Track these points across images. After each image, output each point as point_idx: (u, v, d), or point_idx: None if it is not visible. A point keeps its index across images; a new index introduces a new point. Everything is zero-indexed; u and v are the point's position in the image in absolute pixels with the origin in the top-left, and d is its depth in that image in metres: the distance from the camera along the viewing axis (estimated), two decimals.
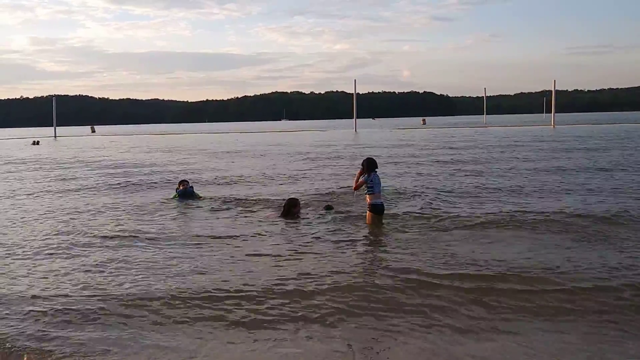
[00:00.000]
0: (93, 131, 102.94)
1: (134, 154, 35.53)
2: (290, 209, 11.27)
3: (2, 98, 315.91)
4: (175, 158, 30.57)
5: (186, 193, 14.48)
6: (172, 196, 14.66)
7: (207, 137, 64.18)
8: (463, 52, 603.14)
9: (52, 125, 76.56)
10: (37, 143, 53.25)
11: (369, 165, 10.28)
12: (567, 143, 33.81)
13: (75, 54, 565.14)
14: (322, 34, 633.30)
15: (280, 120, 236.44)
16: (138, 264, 8.05)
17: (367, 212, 10.41)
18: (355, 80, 70.18)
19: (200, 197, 14.54)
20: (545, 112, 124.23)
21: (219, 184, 17.81)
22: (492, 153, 27.58)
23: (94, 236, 10.00)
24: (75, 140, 64.90)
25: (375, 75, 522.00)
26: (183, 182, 15.11)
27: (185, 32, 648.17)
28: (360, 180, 10.39)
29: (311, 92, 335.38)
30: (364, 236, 9.68)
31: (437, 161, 23.87)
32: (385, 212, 10.57)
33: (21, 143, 56.93)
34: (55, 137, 71.54)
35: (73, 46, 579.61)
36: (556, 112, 73.33)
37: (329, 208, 11.86)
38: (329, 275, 7.18)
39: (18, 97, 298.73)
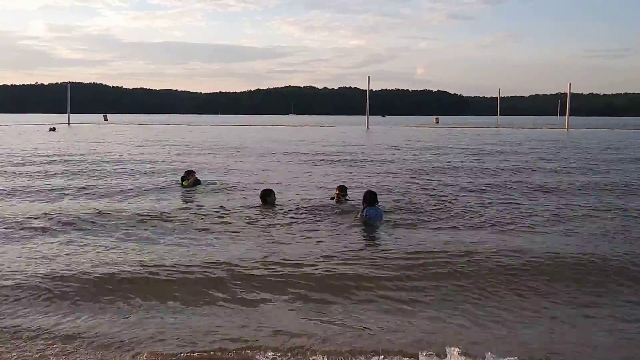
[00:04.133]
0: (106, 119, 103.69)
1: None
2: (266, 198, 11.64)
3: (18, 84, 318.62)
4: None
5: (196, 183, 14.77)
6: (182, 184, 14.83)
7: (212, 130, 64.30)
8: (479, 52, 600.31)
9: (66, 112, 77.37)
10: (54, 129, 54.69)
11: (367, 199, 10.30)
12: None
13: (92, 41, 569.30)
14: (338, 29, 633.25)
15: (287, 114, 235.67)
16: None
17: None
18: (369, 77, 70.21)
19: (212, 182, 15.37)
20: (560, 115, 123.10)
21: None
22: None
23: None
24: (90, 127, 65.63)
25: (390, 72, 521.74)
26: (191, 172, 15.17)
27: (202, 23, 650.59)
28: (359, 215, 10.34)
29: (324, 87, 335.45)
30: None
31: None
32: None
33: (38, 129, 57.94)
34: (69, 124, 72.36)
35: (90, 34, 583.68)
36: (570, 115, 72.82)
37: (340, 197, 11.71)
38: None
39: (33, 83, 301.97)
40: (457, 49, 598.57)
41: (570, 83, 72.05)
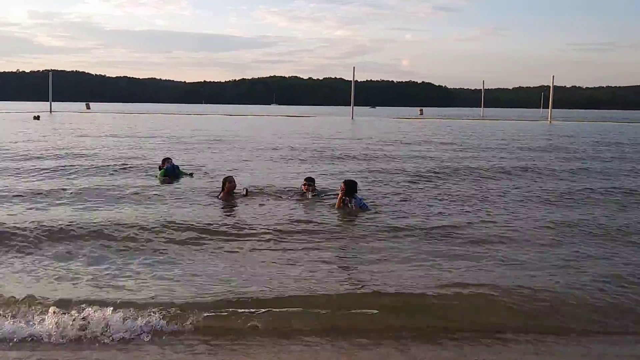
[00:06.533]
0: (88, 108, 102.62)
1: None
2: (226, 184, 11.49)
3: None
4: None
5: (173, 169, 14.33)
6: (156, 175, 14.36)
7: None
8: (465, 44, 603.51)
9: (48, 100, 76.50)
10: (38, 118, 54.79)
11: (348, 188, 10.41)
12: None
13: (74, 29, 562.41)
14: (323, 19, 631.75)
15: (270, 105, 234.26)
16: None
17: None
18: (354, 68, 69.89)
19: (190, 173, 14.80)
20: (543, 108, 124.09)
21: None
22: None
23: None
24: (75, 116, 64.94)
25: (375, 64, 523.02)
26: (167, 159, 14.77)
27: (186, 11, 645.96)
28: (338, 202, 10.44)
29: (309, 78, 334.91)
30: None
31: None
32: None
33: (22, 117, 57.68)
34: (50, 112, 71.55)
35: (72, 21, 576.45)
36: (554, 108, 73.35)
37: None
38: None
39: (14, 70, 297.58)
40: (442, 41, 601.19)
41: (553, 76, 72.24)
